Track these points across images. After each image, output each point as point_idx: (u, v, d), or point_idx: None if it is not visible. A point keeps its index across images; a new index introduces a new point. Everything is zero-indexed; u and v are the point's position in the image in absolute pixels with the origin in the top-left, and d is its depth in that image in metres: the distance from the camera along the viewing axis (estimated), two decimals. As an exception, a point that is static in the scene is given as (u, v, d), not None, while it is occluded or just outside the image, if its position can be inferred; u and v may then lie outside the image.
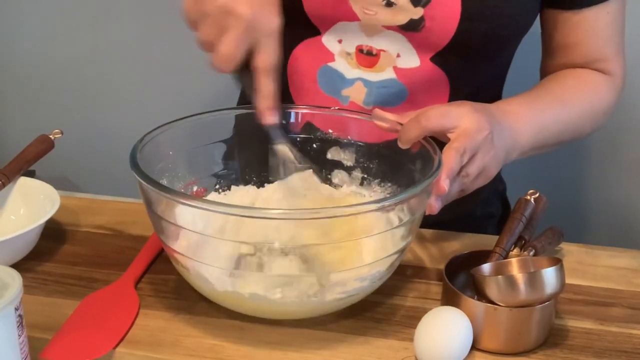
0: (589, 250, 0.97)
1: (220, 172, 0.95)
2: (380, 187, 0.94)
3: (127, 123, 1.75)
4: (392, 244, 0.80)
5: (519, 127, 0.92)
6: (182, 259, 0.79)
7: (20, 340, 0.67)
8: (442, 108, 0.85)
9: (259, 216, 0.75)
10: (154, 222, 0.80)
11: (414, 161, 0.87)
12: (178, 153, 0.90)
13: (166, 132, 0.87)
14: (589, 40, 1.01)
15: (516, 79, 1.09)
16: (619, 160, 1.58)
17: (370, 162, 0.95)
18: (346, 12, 0.95)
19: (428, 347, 0.74)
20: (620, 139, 1.55)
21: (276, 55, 0.80)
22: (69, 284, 0.87)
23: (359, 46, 0.98)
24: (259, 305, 0.77)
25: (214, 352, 0.76)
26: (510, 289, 0.75)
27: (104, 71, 1.80)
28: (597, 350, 0.79)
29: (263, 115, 0.82)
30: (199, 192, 0.93)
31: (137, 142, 0.83)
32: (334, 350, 0.77)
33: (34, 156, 0.99)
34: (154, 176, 0.78)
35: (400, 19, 0.94)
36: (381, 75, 0.98)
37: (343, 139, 0.95)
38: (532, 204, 0.91)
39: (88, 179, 1.84)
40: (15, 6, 1.78)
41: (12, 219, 0.96)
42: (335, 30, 0.98)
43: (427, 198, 0.79)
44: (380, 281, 0.82)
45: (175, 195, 0.75)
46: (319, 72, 1.01)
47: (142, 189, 0.78)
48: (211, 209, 0.74)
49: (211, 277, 0.78)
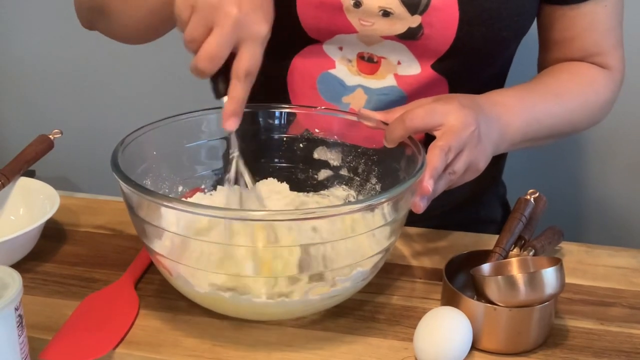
0: (589, 250, 0.97)
1: (205, 172, 0.94)
2: (367, 187, 0.93)
3: (127, 123, 1.74)
4: (376, 243, 0.79)
5: (509, 119, 0.91)
6: (164, 261, 0.78)
7: (20, 341, 0.67)
8: (427, 106, 0.83)
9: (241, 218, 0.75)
10: (136, 225, 0.80)
11: (399, 160, 0.87)
12: (162, 153, 0.89)
13: (149, 132, 0.86)
14: (587, 34, 1.01)
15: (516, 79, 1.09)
16: (619, 160, 1.58)
17: (357, 162, 0.94)
18: (343, 24, 0.94)
19: (428, 347, 0.74)
20: (620, 139, 1.55)
21: (257, 62, 0.78)
22: (69, 284, 0.87)
23: (360, 53, 0.97)
24: (240, 306, 0.77)
25: (214, 353, 0.76)
26: (510, 289, 0.75)
27: (104, 71, 1.80)
28: (597, 350, 0.79)
29: (226, 120, 0.79)
30: (186, 193, 0.92)
31: (118, 143, 0.82)
32: (334, 351, 0.77)
33: (34, 156, 0.99)
34: (137, 177, 0.77)
35: (398, 28, 0.94)
36: (382, 83, 0.98)
37: (329, 138, 0.95)
38: (532, 203, 0.91)
39: (88, 179, 1.84)
40: (15, 6, 1.78)
41: (12, 219, 0.96)
42: (335, 41, 0.97)
43: (411, 197, 0.79)
44: (364, 282, 0.81)
45: (157, 197, 0.74)
46: (318, 79, 1.00)
47: (123, 191, 0.77)
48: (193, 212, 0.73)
49: (192, 278, 0.77)
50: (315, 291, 0.77)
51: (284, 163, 0.96)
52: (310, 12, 0.94)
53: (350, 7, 0.93)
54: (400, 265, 0.91)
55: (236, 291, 0.76)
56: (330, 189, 0.96)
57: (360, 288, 0.82)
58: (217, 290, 0.76)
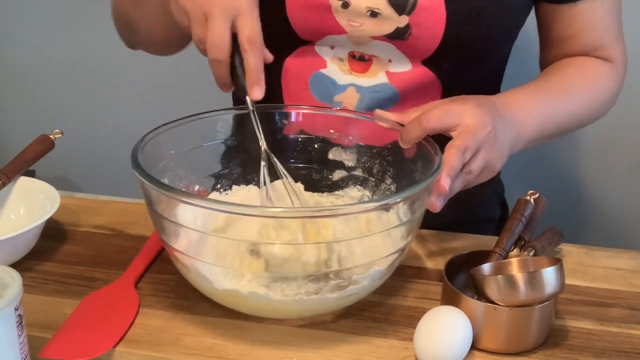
0: (589, 251, 0.97)
1: (221, 171, 0.95)
2: (382, 187, 0.94)
3: (127, 123, 1.76)
4: (392, 243, 0.80)
5: (524, 118, 0.91)
6: (182, 258, 0.79)
7: (20, 340, 0.67)
8: (444, 107, 0.84)
9: (260, 215, 0.76)
10: (155, 221, 0.81)
11: (415, 161, 0.87)
12: (179, 153, 0.90)
13: (167, 131, 0.88)
14: (587, 31, 1.01)
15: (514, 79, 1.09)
16: (619, 160, 1.58)
17: (372, 163, 0.95)
18: (332, 26, 0.95)
19: (428, 347, 0.74)
20: (619, 139, 1.55)
21: (254, 28, 0.81)
22: (69, 283, 0.87)
23: (351, 52, 0.98)
24: (258, 304, 0.78)
25: (214, 351, 0.76)
26: (510, 288, 0.75)
27: (104, 71, 1.80)
28: (597, 351, 0.79)
29: (250, 91, 0.82)
30: (200, 191, 0.93)
31: (139, 141, 0.83)
32: (334, 350, 0.77)
33: (34, 156, 0.99)
34: (155, 175, 0.78)
35: (387, 28, 0.94)
36: (374, 80, 0.98)
37: (344, 139, 0.95)
38: (531, 204, 0.91)
39: (88, 179, 1.84)
40: (15, 6, 1.79)
41: (12, 218, 0.96)
42: (326, 42, 0.98)
43: (427, 198, 0.79)
44: (380, 281, 0.82)
45: (177, 193, 0.76)
46: (310, 79, 1.00)
47: (144, 187, 0.78)
48: (212, 208, 0.74)
49: (210, 275, 0.78)
50: (334, 290, 0.77)
51: (299, 163, 0.96)
52: (299, 13, 0.95)
53: (338, 7, 0.94)
54: (400, 266, 0.91)
55: (255, 291, 0.77)
56: (345, 189, 0.96)
57: (376, 287, 0.82)
58: (236, 287, 0.77)
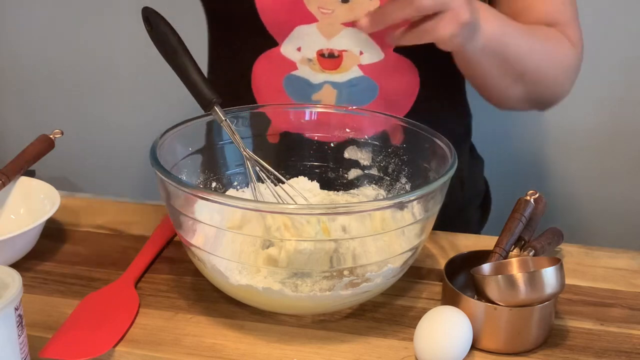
0: (589, 252, 0.97)
1: (238, 170, 0.96)
2: (396, 186, 0.94)
3: (127, 123, 1.76)
4: (406, 241, 0.80)
5: (487, 17, 0.91)
6: (199, 253, 0.80)
7: (20, 340, 0.67)
8: None
9: (276, 211, 0.77)
10: (172, 216, 0.81)
11: (429, 160, 0.88)
12: (196, 150, 0.91)
13: (185, 129, 0.89)
14: (539, 4, 1.01)
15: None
16: (619, 160, 1.58)
17: (387, 162, 0.95)
18: (302, 14, 0.95)
19: (428, 347, 0.74)
20: (619, 139, 1.55)
21: None
22: (69, 283, 0.87)
23: (319, 51, 0.97)
24: (273, 300, 0.78)
25: (214, 351, 0.76)
26: (510, 288, 0.75)
27: (105, 71, 1.80)
28: (597, 351, 0.79)
29: None
30: (217, 189, 0.94)
31: (157, 138, 0.84)
32: (334, 350, 0.77)
33: (34, 156, 0.99)
34: (173, 172, 0.80)
35: (358, 13, 0.93)
36: (347, 75, 0.98)
37: (360, 138, 0.96)
38: (531, 204, 0.91)
39: (88, 179, 1.84)
40: (14, 6, 1.78)
41: (12, 218, 0.96)
42: (293, 38, 0.97)
43: (441, 197, 0.80)
44: (393, 279, 0.82)
45: (195, 190, 0.77)
46: (284, 82, 1.00)
47: (163, 184, 0.78)
48: (230, 204, 0.75)
49: (226, 270, 0.78)
50: (348, 287, 0.77)
51: (315, 162, 0.97)
52: (268, 3, 0.95)
53: None
54: (400, 266, 0.91)
55: (270, 287, 0.77)
56: (360, 188, 0.96)
57: (389, 285, 0.82)
58: (251, 283, 0.77)
